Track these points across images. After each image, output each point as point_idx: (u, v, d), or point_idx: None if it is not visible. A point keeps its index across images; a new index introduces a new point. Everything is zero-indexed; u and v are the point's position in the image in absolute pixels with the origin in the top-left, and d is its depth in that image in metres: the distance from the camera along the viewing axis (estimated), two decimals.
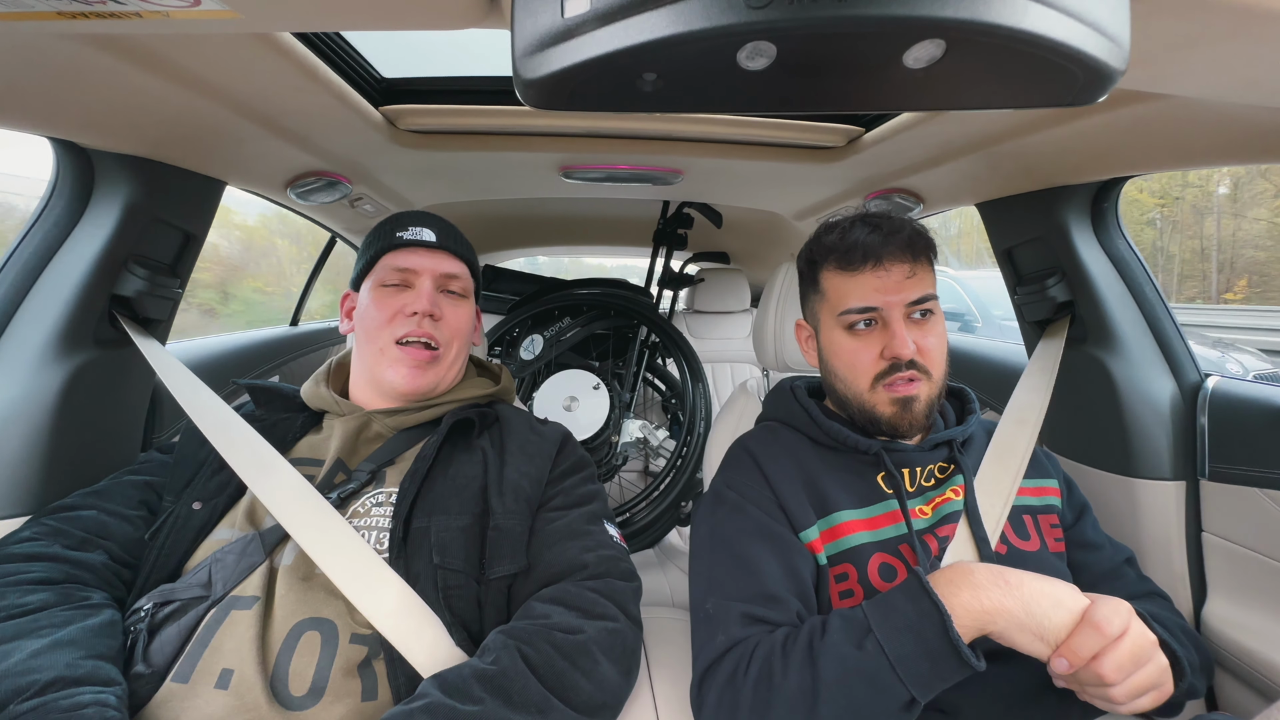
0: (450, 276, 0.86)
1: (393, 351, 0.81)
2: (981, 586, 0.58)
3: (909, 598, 0.59)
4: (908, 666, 0.56)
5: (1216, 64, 0.50)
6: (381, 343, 0.81)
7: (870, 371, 0.76)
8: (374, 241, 0.86)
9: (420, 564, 0.68)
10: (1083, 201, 1.05)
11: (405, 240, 0.84)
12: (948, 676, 0.57)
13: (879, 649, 0.57)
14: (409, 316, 0.81)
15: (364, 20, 0.47)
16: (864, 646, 0.58)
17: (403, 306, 0.81)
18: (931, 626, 0.57)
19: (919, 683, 0.56)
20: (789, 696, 0.58)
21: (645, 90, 0.37)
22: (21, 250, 0.86)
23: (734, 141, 1.19)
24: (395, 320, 0.81)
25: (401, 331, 0.81)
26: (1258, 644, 0.85)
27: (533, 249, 2.75)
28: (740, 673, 0.61)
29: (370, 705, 0.60)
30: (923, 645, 0.56)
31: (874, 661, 0.57)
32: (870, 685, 0.57)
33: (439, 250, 0.86)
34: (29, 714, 0.50)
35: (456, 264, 0.87)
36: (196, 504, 0.72)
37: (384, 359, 0.81)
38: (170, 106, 0.76)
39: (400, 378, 0.80)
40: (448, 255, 0.86)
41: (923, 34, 0.32)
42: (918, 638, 0.57)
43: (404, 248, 0.84)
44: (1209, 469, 0.95)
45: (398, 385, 0.80)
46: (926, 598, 0.58)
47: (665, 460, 1.83)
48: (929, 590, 0.58)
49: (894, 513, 0.75)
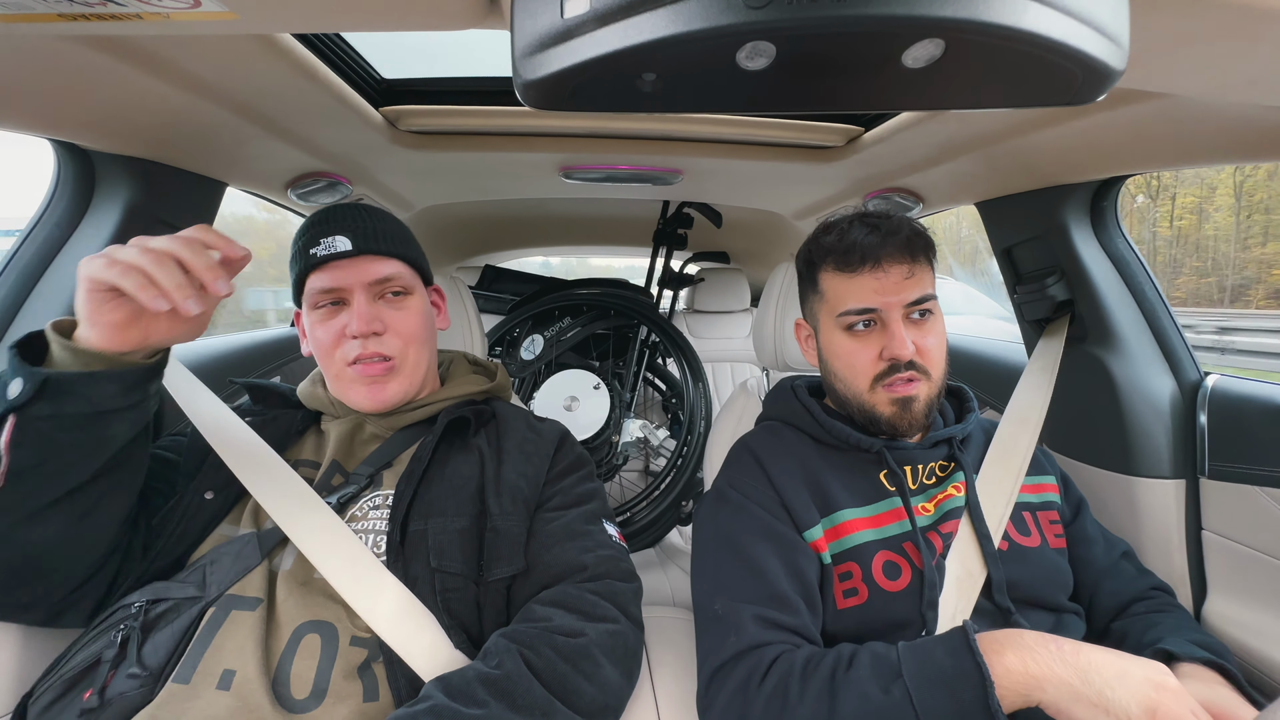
0: (383, 281, 0.78)
1: (348, 374, 0.77)
2: (1031, 649, 0.53)
3: (949, 651, 0.55)
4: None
5: (1216, 64, 0.50)
6: (335, 368, 0.78)
7: (870, 372, 0.76)
8: (295, 260, 0.79)
9: (418, 567, 0.68)
10: (1082, 200, 1.05)
11: (320, 257, 0.76)
12: None
13: (906, 698, 0.53)
14: (351, 339, 0.76)
15: (364, 21, 0.47)
16: (890, 691, 0.54)
17: (342, 329, 0.76)
18: (970, 688, 0.52)
19: None
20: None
21: (645, 90, 0.37)
22: (23, 252, 0.86)
23: (734, 141, 1.19)
24: (340, 343, 0.77)
25: (352, 355, 0.76)
26: (1258, 642, 0.85)
27: (533, 249, 2.74)
28: (754, 682, 0.60)
29: (372, 706, 0.60)
30: (957, 706, 0.52)
31: (899, 711, 0.53)
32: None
33: (361, 256, 0.77)
34: None
35: (387, 264, 0.79)
36: (209, 493, 0.71)
37: (341, 382, 0.78)
38: (170, 108, 0.76)
39: (361, 397, 0.77)
40: (373, 258, 0.78)
41: (922, 34, 0.32)
42: (952, 697, 0.52)
43: (322, 266, 0.76)
44: (1209, 467, 0.95)
45: (362, 406, 0.78)
46: (970, 656, 0.53)
47: (666, 460, 1.83)
48: (973, 647, 0.53)
49: (897, 510, 0.75)
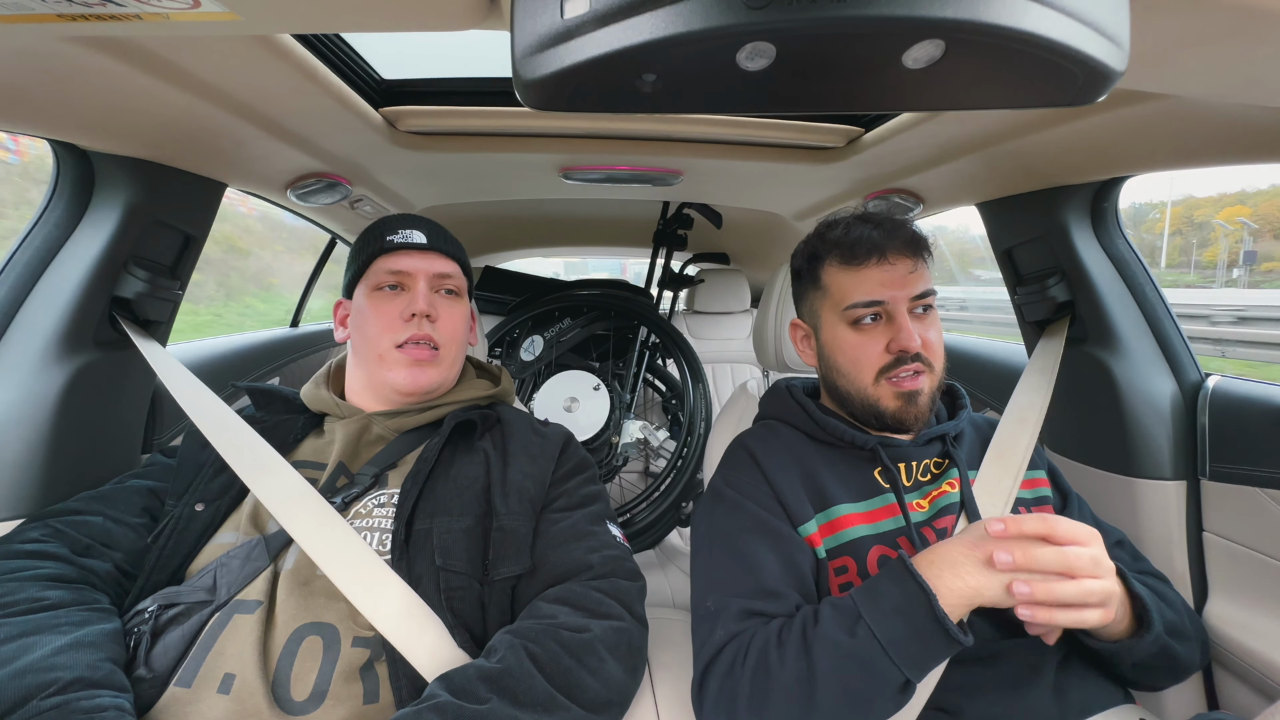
0: (444, 276, 0.86)
1: (393, 355, 0.81)
2: (960, 567, 0.59)
3: (895, 581, 0.60)
4: (899, 649, 0.57)
5: (1216, 64, 0.50)
6: (382, 348, 0.81)
7: (875, 365, 0.77)
8: (364, 247, 0.85)
9: (422, 565, 0.68)
10: (1083, 201, 1.05)
11: (396, 243, 0.83)
12: (939, 654, 0.58)
13: (870, 634, 0.58)
14: (407, 321, 0.81)
15: (364, 21, 0.47)
16: (855, 633, 0.59)
17: (400, 310, 0.81)
18: (919, 607, 0.58)
19: (911, 664, 0.57)
20: (786, 685, 0.59)
21: (645, 90, 0.37)
22: (22, 252, 0.86)
23: (734, 142, 1.19)
24: (394, 325, 0.81)
25: (402, 337, 0.81)
26: (1258, 643, 0.85)
27: (533, 250, 2.74)
28: (738, 664, 0.62)
29: (372, 708, 0.60)
30: (912, 626, 0.57)
31: (866, 647, 0.58)
32: (865, 670, 0.57)
33: (431, 251, 0.85)
34: (51, 711, 0.50)
35: (449, 264, 0.87)
36: (199, 505, 0.71)
37: (384, 364, 0.81)
38: (170, 108, 0.76)
39: (402, 379, 0.80)
40: (440, 255, 0.86)
41: (922, 34, 0.32)
42: (906, 620, 0.58)
43: (395, 251, 0.84)
44: (1209, 469, 0.95)
45: (400, 385, 0.80)
46: (911, 579, 0.59)
47: (665, 461, 1.83)
48: (913, 572, 0.59)
49: (891, 506, 0.76)
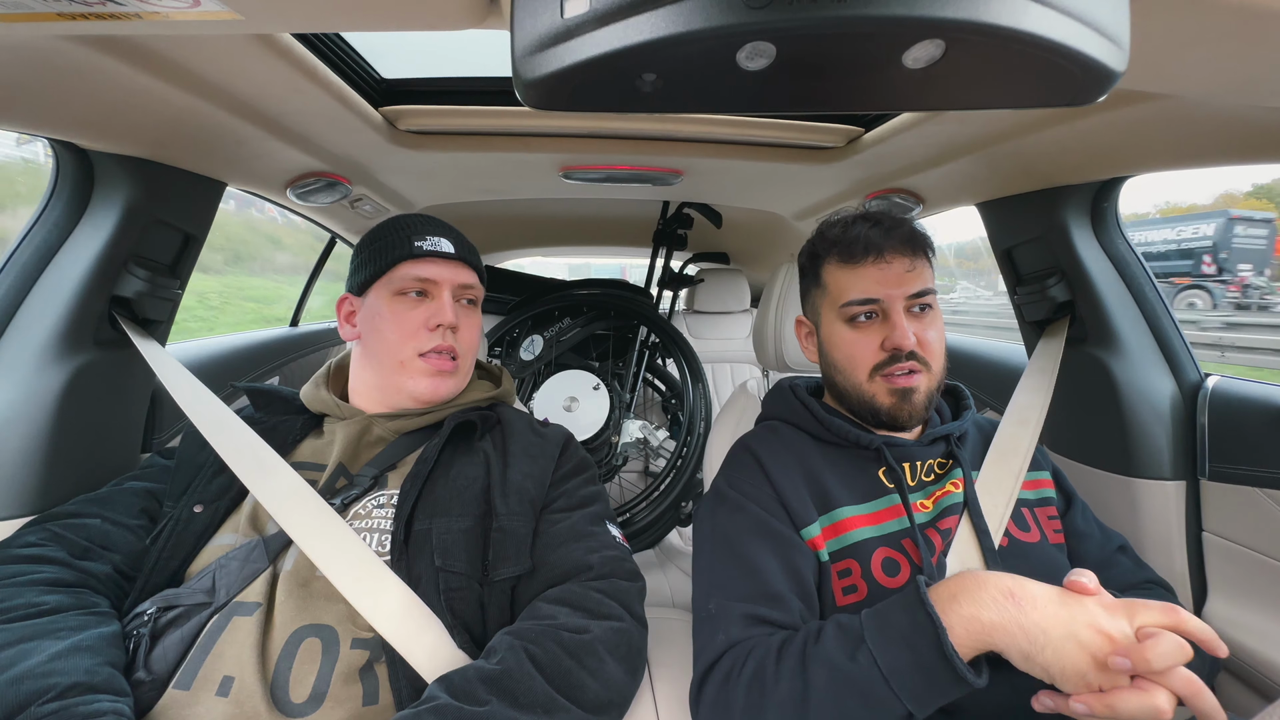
0: (467, 287, 0.86)
1: (416, 364, 0.80)
2: (983, 601, 0.54)
3: (905, 608, 0.57)
4: (901, 680, 0.54)
5: (1216, 64, 0.50)
6: (404, 355, 0.80)
7: (870, 362, 0.77)
8: (389, 249, 0.83)
9: (422, 566, 0.68)
10: (1082, 201, 1.05)
11: (425, 250, 0.82)
12: (946, 692, 0.54)
13: (871, 660, 0.55)
14: (432, 330, 0.81)
15: (364, 21, 0.47)
16: (856, 658, 0.56)
17: (425, 319, 0.81)
18: (925, 640, 0.54)
19: (913, 698, 0.54)
20: (780, 702, 0.57)
21: (645, 90, 0.37)
22: (21, 251, 0.86)
23: (734, 142, 1.19)
24: (418, 333, 0.80)
25: (426, 346, 0.80)
26: (1258, 643, 0.85)
27: (533, 249, 2.74)
28: (735, 674, 0.61)
29: (371, 710, 0.60)
30: (916, 659, 0.54)
31: (866, 673, 0.55)
32: (862, 697, 0.55)
33: (456, 261, 0.85)
34: (50, 718, 0.50)
35: (471, 274, 0.87)
36: (198, 507, 0.71)
37: (405, 371, 0.81)
38: (170, 107, 0.76)
39: (424, 388, 0.80)
40: (464, 266, 0.86)
41: (922, 34, 0.32)
42: (911, 651, 0.54)
43: (423, 258, 0.82)
44: (1209, 469, 0.95)
45: (420, 394, 0.80)
46: (922, 609, 0.55)
47: (665, 461, 1.83)
48: (925, 601, 0.56)
49: (895, 507, 0.75)
